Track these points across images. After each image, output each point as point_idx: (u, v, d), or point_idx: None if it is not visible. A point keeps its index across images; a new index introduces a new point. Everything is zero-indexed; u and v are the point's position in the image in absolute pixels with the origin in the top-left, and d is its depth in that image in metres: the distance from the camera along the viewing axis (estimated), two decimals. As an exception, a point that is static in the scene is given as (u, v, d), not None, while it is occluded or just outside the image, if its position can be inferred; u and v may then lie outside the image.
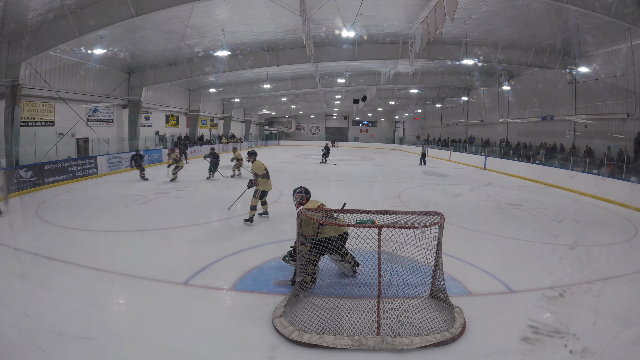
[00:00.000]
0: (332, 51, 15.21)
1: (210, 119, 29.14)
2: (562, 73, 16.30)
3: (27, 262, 4.90)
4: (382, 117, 43.74)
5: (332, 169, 17.62)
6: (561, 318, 3.76)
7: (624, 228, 7.62)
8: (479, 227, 7.14)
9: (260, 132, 41.63)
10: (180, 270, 4.63)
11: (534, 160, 16.34)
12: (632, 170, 11.00)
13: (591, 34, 12.91)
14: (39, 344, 3.02)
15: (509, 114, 21.83)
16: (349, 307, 3.68)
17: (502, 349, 3.11)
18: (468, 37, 13.75)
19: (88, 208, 8.24)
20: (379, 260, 3.37)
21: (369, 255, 3.97)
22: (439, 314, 3.54)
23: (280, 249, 5.23)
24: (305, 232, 3.85)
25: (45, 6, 9.65)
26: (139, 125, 18.09)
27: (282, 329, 3.26)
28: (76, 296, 3.97)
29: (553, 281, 4.56)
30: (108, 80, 16.15)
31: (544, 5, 10.66)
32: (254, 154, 7.10)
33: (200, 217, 7.58)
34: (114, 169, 14.30)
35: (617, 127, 14.09)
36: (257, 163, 6.86)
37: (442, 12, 8.06)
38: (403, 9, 11.96)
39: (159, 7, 9.57)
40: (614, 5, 9.40)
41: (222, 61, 15.65)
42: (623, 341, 3.26)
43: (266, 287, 4.27)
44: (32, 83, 12.16)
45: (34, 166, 10.56)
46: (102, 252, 5.38)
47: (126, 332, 3.31)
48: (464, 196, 11.05)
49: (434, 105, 32.56)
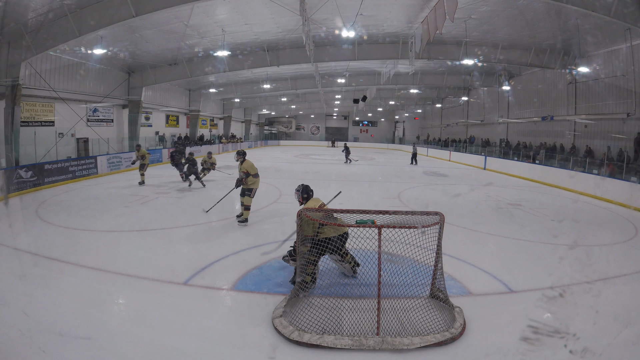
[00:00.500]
0: (332, 51, 15.21)
1: (210, 119, 29.14)
2: (562, 73, 16.29)
3: (27, 262, 4.90)
4: (382, 117, 43.73)
5: (333, 169, 17.62)
6: (561, 318, 3.75)
7: (624, 228, 7.62)
8: (479, 227, 7.15)
9: (260, 132, 41.64)
10: (180, 270, 4.63)
11: (534, 160, 16.35)
12: (632, 170, 11.00)
13: (591, 34, 12.91)
14: (39, 344, 3.02)
15: (509, 114, 21.82)
16: (349, 307, 3.67)
17: (502, 349, 3.11)
18: (468, 37, 13.75)
19: (88, 208, 8.24)
20: (379, 260, 3.37)
21: (369, 255, 3.97)
22: (439, 314, 3.54)
23: (280, 249, 5.23)
24: (305, 232, 3.84)
25: (45, 6, 9.65)
26: (139, 125, 18.08)
27: (282, 329, 3.26)
28: (76, 296, 3.97)
29: (553, 281, 4.56)
30: (108, 80, 16.15)
31: (544, 5, 10.66)
32: (243, 153, 7.12)
33: (200, 217, 7.57)
34: (114, 169, 14.30)
35: (617, 127, 14.09)
36: (248, 162, 6.89)
37: (442, 12, 8.07)
38: (403, 9, 11.96)
39: (159, 7, 9.57)
40: (614, 5, 9.40)
41: (222, 61, 15.66)
42: (623, 341, 3.26)
43: (266, 287, 4.27)
44: (32, 83, 12.16)
45: (34, 166, 10.55)
46: (102, 252, 5.38)
47: (126, 332, 3.31)
48: (464, 196, 11.05)
49: (434, 105, 32.56)
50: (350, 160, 20.91)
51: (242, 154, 7.13)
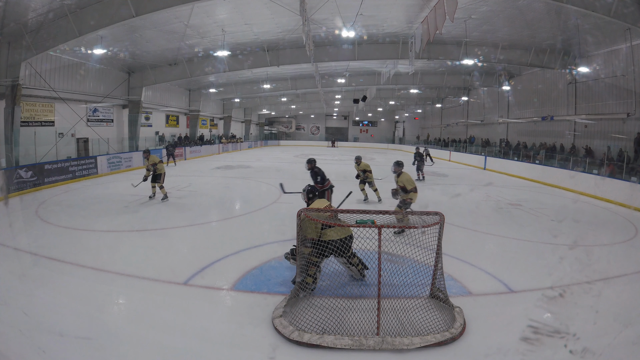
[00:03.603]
0: (332, 51, 15.20)
1: (210, 119, 29.14)
2: (562, 73, 16.29)
3: (27, 262, 4.90)
4: (382, 117, 43.71)
5: (333, 169, 17.59)
6: (561, 318, 3.75)
7: (624, 228, 7.62)
8: (479, 227, 7.14)
9: (260, 132, 41.63)
10: (180, 270, 4.63)
11: (534, 160, 16.34)
12: (632, 170, 10.99)
13: (591, 34, 12.90)
14: (39, 344, 3.02)
15: (509, 114, 21.82)
16: (349, 307, 3.67)
17: (502, 349, 3.11)
18: (468, 37, 13.74)
19: (88, 208, 8.24)
20: (379, 260, 3.37)
21: (369, 255, 3.97)
22: (439, 314, 3.54)
23: (281, 249, 5.23)
24: (306, 233, 3.80)
25: (45, 6, 9.64)
26: (139, 125, 18.08)
27: (282, 329, 3.26)
28: (76, 296, 3.96)
29: (553, 281, 4.56)
30: (108, 80, 16.15)
31: (544, 5, 10.66)
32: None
33: (200, 217, 7.58)
34: (114, 169, 14.29)
35: (617, 127, 14.09)
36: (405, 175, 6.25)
37: (442, 12, 8.06)
38: (403, 9, 11.96)
39: (159, 7, 9.57)
40: (614, 5, 9.40)
41: (222, 61, 15.65)
42: (623, 341, 3.26)
43: (266, 287, 4.27)
44: (32, 83, 12.16)
45: (34, 166, 10.55)
46: (102, 252, 5.38)
47: (126, 332, 3.31)
48: (464, 196, 11.05)
49: (434, 105, 32.55)
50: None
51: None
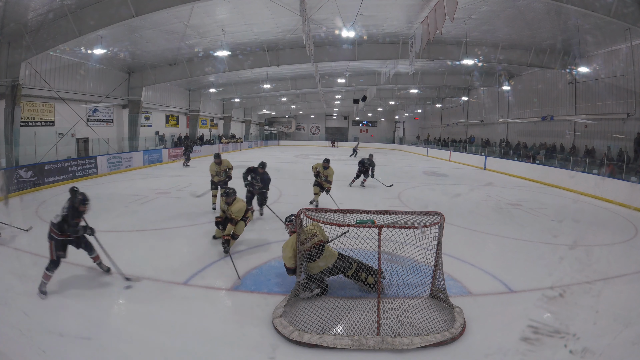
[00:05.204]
0: (332, 51, 15.19)
1: (210, 119, 29.12)
2: (562, 73, 16.28)
3: (27, 262, 4.89)
4: (382, 117, 43.69)
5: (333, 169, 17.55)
6: (561, 318, 3.75)
7: (624, 228, 7.62)
8: (479, 227, 7.14)
9: (260, 132, 41.61)
10: (180, 270, 4.63)
11: (534, 160, 16.34)
12: (632, 170, 10.99)
13: (591, 34, 12.90)
14: (39, 344, 3.02)
15: (509, 114, 21.81)
16: (349, 307, 3.67)
17: (502, 349, 3.11)
18: (468, 37, 13.74)
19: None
20: (379, 260, 3.37)
21: (369, 255, 3.97)
22: (439, 314, 3.54)
23: (281, 249, 5.21)
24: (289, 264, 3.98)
25: (45, 6, 9.64)
26: (139, 125, 18.06)
27: (282, 329, 3.26)
28: (76, 296, 3.97)
29: (553, 281, 4.56)
30: (108, 80, 16.14)
31: (544, 5, 10.65)
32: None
33: (200, 217, 7.57)
34: (114, 169, 14.29)
35: (617, 127, 14.08)
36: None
37: (442, 12, 8.06)
38: (403, 9, 11.96)
39: (159, 7, 9.56)
40: (614, 5, 9.40)
41: (222, 61, 15.64)
42: (623, 341, 3.26)
43: (266, 287, 4.27)
44: (32, 83, 12.14)
45: (34, 166, 10.55)
46: (102, 252, 5.36)
47: (126, 332, 3.31)
48: (464, 196, 11.05)
49: (434, 105, 32.53)
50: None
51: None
